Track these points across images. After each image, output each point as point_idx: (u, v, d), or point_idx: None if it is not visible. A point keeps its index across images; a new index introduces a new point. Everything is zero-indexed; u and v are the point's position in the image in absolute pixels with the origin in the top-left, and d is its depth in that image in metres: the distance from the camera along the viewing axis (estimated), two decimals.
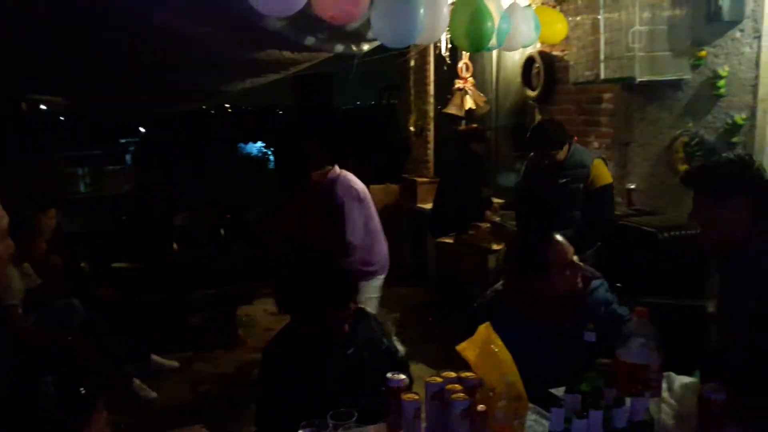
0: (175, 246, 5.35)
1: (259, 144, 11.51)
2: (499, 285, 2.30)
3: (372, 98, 12.91)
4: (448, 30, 3.50)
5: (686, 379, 1.98)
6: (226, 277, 5.06)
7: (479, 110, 5.85)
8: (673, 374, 1.98)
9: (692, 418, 1.71)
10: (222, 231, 5.96)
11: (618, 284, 2.40)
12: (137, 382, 3.88)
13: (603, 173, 3.61)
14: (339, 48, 3.61)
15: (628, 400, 1.51)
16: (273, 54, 3.56)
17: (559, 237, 2.16)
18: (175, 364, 4.35)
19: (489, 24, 3.51)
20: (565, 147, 3.65)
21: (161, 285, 4.76)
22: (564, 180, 3.64)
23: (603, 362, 1.70)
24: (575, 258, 2.20)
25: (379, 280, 3.70)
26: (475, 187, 5.35)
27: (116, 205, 6.37)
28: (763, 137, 3.20)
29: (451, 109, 6.05)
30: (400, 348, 2.34)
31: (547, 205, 3.71)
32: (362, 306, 2.42)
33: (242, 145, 11.70)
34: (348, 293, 2.23)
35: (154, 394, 3.90)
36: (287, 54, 3.63)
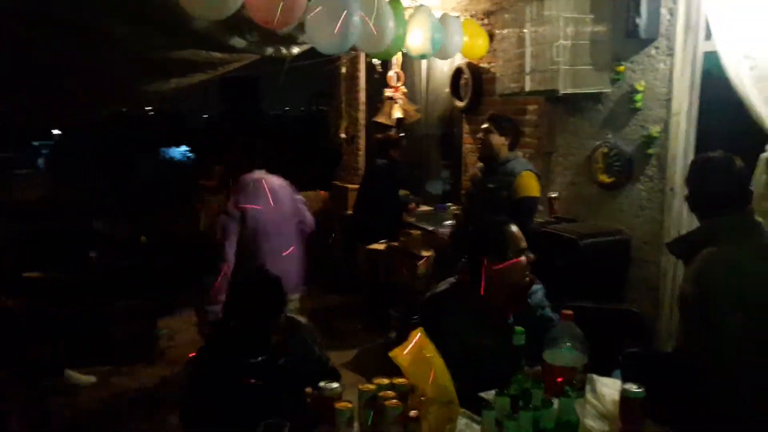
0: (92, 254, 5.09)
1: (183, 148, 11.17)
2: (452, 278, 2.31)
3: (301, 104, 12.82)
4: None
5: (608, 380, 2.05)
6: (146, 287, 4.86)
7: (409, 119, 5.93)
8: (594, 375, 2.05)
9: (614, 417, 1.77)
10: (143, 238, 5.72)
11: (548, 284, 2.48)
12: (52, 398, 3.65)
13: (528, 185, 3.67)
14: (269, 51, 3.56)
15: (555, 401, 1.55)
16: (200, 54, 3.47)
17: (513, 226, 2.22)
18: (92, 378, 4.12)
19: (401, 32, 3.55)
20: (501, 140, 3.73)
21: (77, 295, 4.50)
22: (492, 185, 3.73)
23: (532, 371, 1.74)
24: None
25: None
26: (393, 193, 5.43)
27: (27, 210, 6.00)
28: (676, 149, 3.39)
29: (381, 118, 6.10)
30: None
31: (477, 207, 3.81)
32: (292, 315, 2.38)
33: (165, 149, 11.32)
34: (278, 303, 2.18)
35: (68, 411, 3.68)
36: (215, 54, 3.55)
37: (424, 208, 5.54)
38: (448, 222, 5.08)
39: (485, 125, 3.83)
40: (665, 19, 3.40)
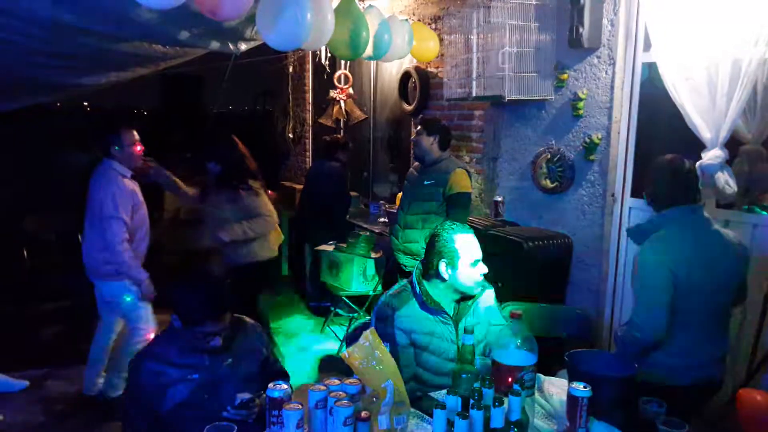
0: (25, 253, 4.85)
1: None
2: (404, 281, 2.33)
3: (246, 103, 12.60)
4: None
5: (555, 380, 2.10)
6: (84, 287, 4.66)
7: (352, 120, 5.95)
8: (542, 375, 2.10)
9: (561, 416, 1.81)
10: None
11: (497, 283, 2.52)
12: None
13: (461, 181, 3.81)
14: (215, 45, 3.48)
15: (505, 401, 1.58)
16: (141, 47, 3.34)
17: (469, 231, 2.26)
18: (24, 382, 3.92)
19: (364, 34, 3.56)
20: (430, 140, 3.84)
21: (8, 295, 4.28)
22: (428, 182, 3.83)
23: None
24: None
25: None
26: (340, 195, 5.45)
27: None
28: (616, 155, 3.51)
29: (324, 119, 6.10)
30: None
31: (413, 203, 3.91)
32: (239, 315, 2.33)
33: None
34: (223, 303, 2.13)
35: (1, 417, 3.48)
36: (158, 48, 3.43)
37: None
38: (382, 220, 5.18)
39: (418, 128, 3.95)
40: (607, 29, 3.52)
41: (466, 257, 2.17)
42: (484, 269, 2.21)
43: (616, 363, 1.99)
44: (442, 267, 2.17)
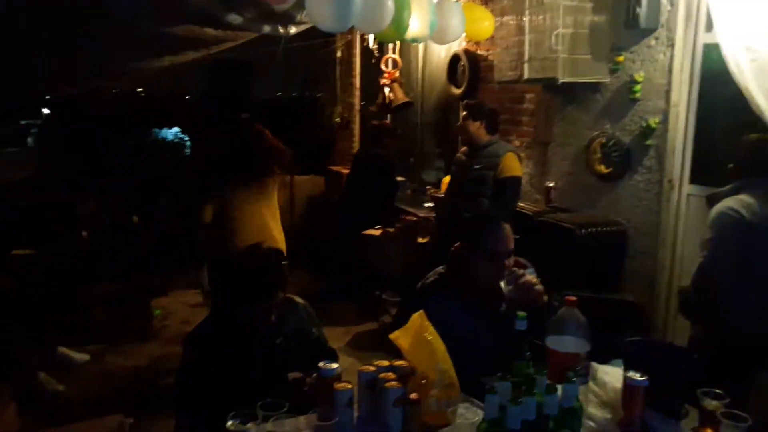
0: (84, 233, 5.03)
1: (176, 129, 11.03)
2: (440, 268, 2.30)
3: (294, 90, 12.69)
4: None
5: (609, 368, 2.05)
6: (139, 267, 4.82)
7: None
8: (595, 363, 2.05)
9: (616, 405, 1.77)
10: (135, 219, 5.66)
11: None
12: (43, 375, 3.62)
13: (512, 165, 3.77)
14: (266, 29, 3.49)
15: (559, 388, 1.55)
16: (193, 30, 3.38)
17: (505, 225, 2.19)
18: (86, 356, 4.10)
19: (405, 13, 3.51)
20: (476, 125, 3.81)
21: (68, 274, 4.46)
22: (478, 166, 3.79)
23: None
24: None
25: None
26: (386, 181, 5.42)
27: (16, 188, 5.90)
28: (674, 140, 3.38)
29: (374, 106, 6.10)
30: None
31: (461, 189, 3.88)
32: (291, 296, 2.36)
33: (157, 130, 11.18)
34: (276, 284, 2.16)
35: (61, 387, 3.65)
36: (209, 31, 3.47)
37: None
38: (427, 204, 5.14)
39: (463, 113, 3.91)
40: (665, 9, 3.39)
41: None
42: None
43: (673, 353, 1.93)
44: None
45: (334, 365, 1.75)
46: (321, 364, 1.75)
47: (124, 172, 7.38)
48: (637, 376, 1.64)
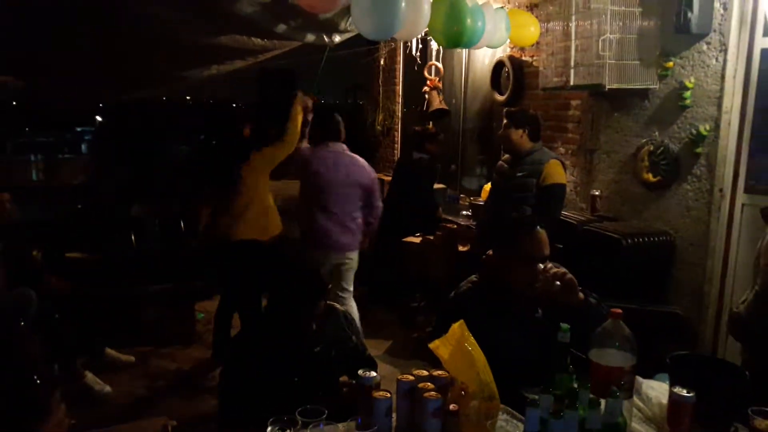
0: (133, 238, 5.18)
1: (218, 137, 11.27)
2: (473, 277, 2.28)
3: (337, 97, 12.81)
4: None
5: (654, 383, 1.99)
6: (185, 272, 4.92)
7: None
8: (639, 377, 1.99)
9: (661, 421, 1.72)
10: (182, 224, 5.79)
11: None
12: (90, 375, 3.73)
13: (557, 172, 3.70)
14: (310, 38, 3.55)
15: (602, 402, 1.51)
16: (241, 40, 3.47)
17: (540, 230, 2.15)
18: (131, 358, 4.20)
19: (469, 21, 3.51)
20: (518, 133, 3.77)
21: (117, 277, 4.59)
22: (521, 173, 3.75)
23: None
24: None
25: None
26: (428, 187, 5.40)
27: (70, 194, 6.13)
28: (726, 148, 3.28)
29: (416, 115, 6.13)
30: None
31: (504, 195, 3.84)
32: (332, 303, 2.38)
33: (203, 137, 11.45)
34: (317, 292, 2.18)
35: (108, 389, 3.75)
36: (256, 41, 3.55)
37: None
38: (464, 212, 5.10)
39: (504, 121, 3.86)
40: (718, 13, 3.29)
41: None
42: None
43: (721, 368, 1.86)
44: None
45: (373, 373, 1.75)
46: (360, 371, 1.75)
47: (172, 178, 7.58)
48: (684, 392, 1.58)
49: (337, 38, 3.85)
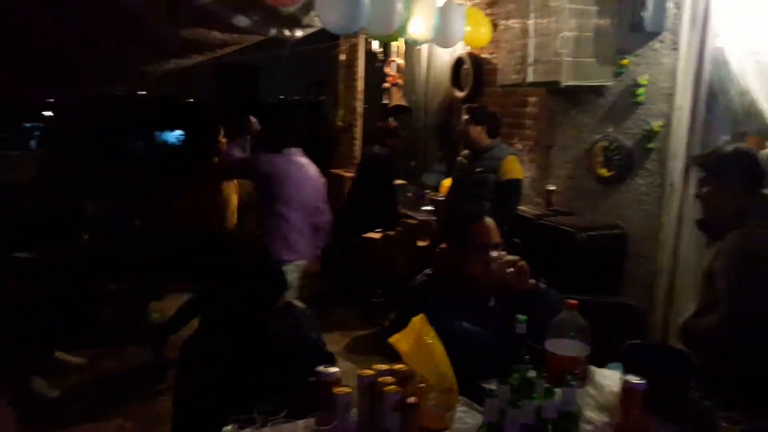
0: (85, 236, 5.03)
1: (178, 132, 11.04)
2: (428, 270, 2.30)
3: (298, 92, 12.72)
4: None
5: (607, 372, 2.03)
6: (140, 271, 4.81)
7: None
8: (593, 367, 2.04)
9: (613, 408, 1.76)
10: (137, 222, 5.67)
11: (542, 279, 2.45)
12: (38, 379, 3.61)
13: (514, 168, 3.78)
14: (272, 32, 3.51)
15: (558, 391, 1.54)
16: (200, 33, 3.39)
17: (488, 219, 2.20)
18: (83, 360, 4.08)
19: (411, 16, 3.50)
20: (478, 129, 3.83)
21: (68, 277, 4.45)
22: (480, 169, 3.80)
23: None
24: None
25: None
26: (388, 182, 5.41)
27: (19, 191, 5.92)
28: (677, 144, 3.37)
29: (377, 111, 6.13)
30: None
31: (464, 191, 3.89)
32: (290, 300, 2.35)
33: (159, 133, 11.20)
34: (277, 288, 2.16)
35: (56, 393, 3.64)
36: (216, 34, 3.48)
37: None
38: (426, 208, 5.13)
39: (465, 117, 3.91)
40: (671, 13, 3.38)
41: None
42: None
43: (672, 356, 1.91)
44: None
45: (333, 369, 1.74)
46: (320, 368, 1.74)
47: (126, 175, 7.40)
48: (635, 379, 1.62)
49: (299, 33, 3.82)
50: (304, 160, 3.94)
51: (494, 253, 2.13)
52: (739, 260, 2.15)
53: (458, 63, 5.21)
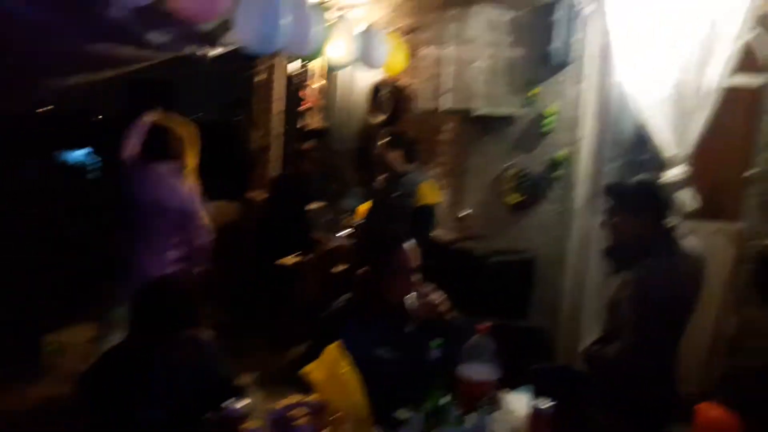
0: None
1: (86, 150, 10.49)
2: (347, 295, 2.27)
3: (214, 112, 12.45)
4: None
5: (516, 395, 2.07)
6: (34, 298, 4.47)
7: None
8: (503, 391, 2.07)
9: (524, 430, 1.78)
10: (35, 246, 5.29)
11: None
12: None
13: (429, 193, 3.85)
14: (188, 49, 3.40)
15: (471, 416, 1.54)
16: (110, 48, 3.24)
17: (407, 243, 2.20)
18: None
19: (336, 41, 3.51)
20: (395, 154, 3.87)
21: None
22: (397, 194, 3.84)
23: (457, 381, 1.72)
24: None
25: None
26: (302, 206, 5.34)
27: None
28: (582, 172, 3.54)
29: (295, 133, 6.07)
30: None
31: (381, 215, 3.93)
32: (195, 331, 2.24)
33: (65, 151, 10.59)
34: (182, 318, 2.05)
35: None
36: (127, 49, 3.33)
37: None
38: (343, 232, 5.10)
39: (382, 141, 3.95)
40: (576, 47, 3.56)
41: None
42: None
43: (578, 379, 1.98)
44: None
45: (242, 403, 1.67)
46: (227, 402, 1.67)
47: (23, 199, 6.89)
48: (543, 404, 1.66)
49: (216, 51, 3.73)
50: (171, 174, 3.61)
51: (414, 280, 2.14)
52: (644, 291, 2.25)
53: (377, 88, 5.27)
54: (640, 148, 3.64)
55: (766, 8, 2.65)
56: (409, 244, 2.21)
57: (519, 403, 1.96)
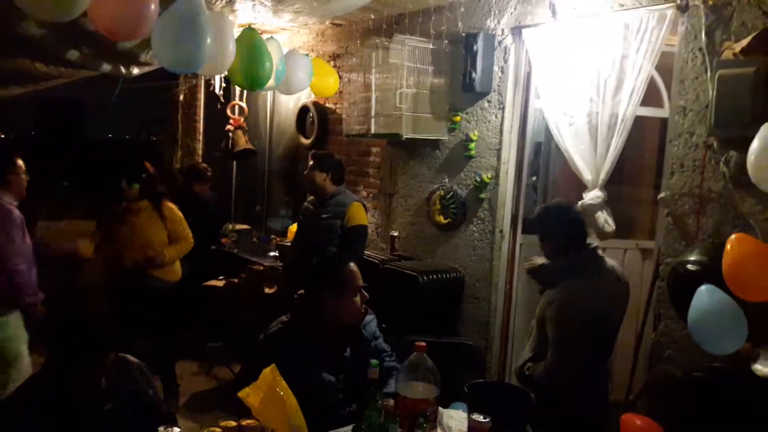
0: None
1: None
2: (284, 317, 2.25)
3: (130, 131, 12.04)
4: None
5: (452, 412, 2.12)
6: None
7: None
8: (439, 407, 2.11)
9: None
10: None
11: (383, 325, 2.51)
12: None
13: (359, 214, 3.90)
14: (106, 68, 3.30)
15: None
16: (23, 64, 3.09)
17: (352, 263, 2.23)
18: None
19: (268, 64, 3.52)
20: (323, 176, 3.90)
21: None
22: (326, 215, 3.87)
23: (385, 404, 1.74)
24: None
25: None
26: (207, 226, 5.20)
27: None
28: (505, 194, 3.69)
29: (219, 153, 5.97)
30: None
31: (311, 236, 3.92)
32: (123, 355, 2.15)
33: None
34: (106, 341, 1.96)
35: None
36: (40, 66, 3.19)
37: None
38: (272, 254, 5.05)
39: (310, 163, 3.99)
40: (497, 75, 3.73)
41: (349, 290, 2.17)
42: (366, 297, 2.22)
43: (513, 394, 2.05)
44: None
45: (175, 429, 1.62)
46: (160, 429, 1.61)
47: None
48: (480, 418, 1.70)
49: (136, 70, 3.63)
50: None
51: (358, 300, 2.18)
52: (565, 311, 2.40)
53: (303, 111, 5.28)
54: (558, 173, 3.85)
55: (671, 44, 2.87)
56: (353, 264, 2.23)
57: (456, 419, 2.01)
